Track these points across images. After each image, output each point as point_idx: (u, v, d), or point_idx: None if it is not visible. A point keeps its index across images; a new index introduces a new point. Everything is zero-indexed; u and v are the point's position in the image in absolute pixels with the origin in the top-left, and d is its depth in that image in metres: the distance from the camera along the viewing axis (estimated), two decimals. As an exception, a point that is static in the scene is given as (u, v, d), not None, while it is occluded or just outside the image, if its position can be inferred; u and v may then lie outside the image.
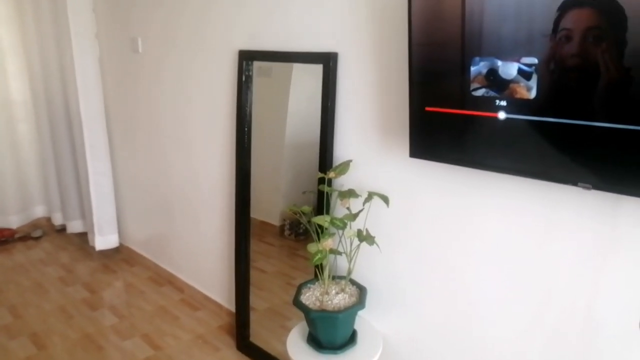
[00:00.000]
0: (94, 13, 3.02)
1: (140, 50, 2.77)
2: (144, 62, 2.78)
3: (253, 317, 2.32)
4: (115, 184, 3.28)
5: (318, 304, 1.64)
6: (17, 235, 3.59)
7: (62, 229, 3.69)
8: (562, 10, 1.07)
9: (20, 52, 3.57)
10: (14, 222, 3.72)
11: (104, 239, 3.24)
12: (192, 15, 2.37)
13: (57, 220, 3.71)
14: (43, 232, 3.69)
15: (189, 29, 2.41)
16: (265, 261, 2.31)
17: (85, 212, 3.38)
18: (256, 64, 2.09)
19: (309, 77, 1.83)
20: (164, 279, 2.99)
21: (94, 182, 3.11)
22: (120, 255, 3.33)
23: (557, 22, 1.08)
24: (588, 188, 1.12)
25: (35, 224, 3.85)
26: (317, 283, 1.76)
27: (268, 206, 2.26)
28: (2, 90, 3.57)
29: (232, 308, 2.50)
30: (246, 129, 2.15)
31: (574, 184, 1.14)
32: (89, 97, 3.00)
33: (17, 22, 3.49)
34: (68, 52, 2.96)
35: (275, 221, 2.25)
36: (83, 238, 3.51)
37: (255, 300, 2.31)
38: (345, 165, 1.70)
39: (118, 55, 2.98)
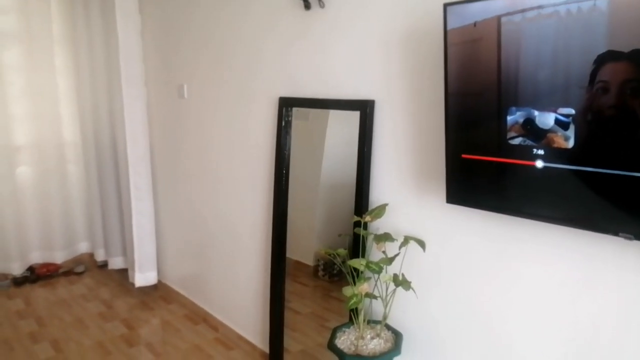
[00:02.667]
0: (144, 63, 3.20)
1: (185, 96, 2.92)
2: (189, 107, 2.92)
3: (286, 358, 2.31)
4: (156, 224, 3.38)
5: (353, 348, 1.63)
6: (61, 270, 3.72)
7: (104, 265, 3.80)
8: (598, 63, 1.09)
9: (73, 98, 3.80)
10: (59, 257, 3.86)
11: (144, 276, 3.32)
12: (235, 62, 2.49)
13: (100, 256, 3.83)
14: (85, 267, 3.81)
15: (233, 76, 2.53)
16: (299, 302, 2.31)
17: (126, 250, 3.49)
18: (296, 109, 2.17)
19: (344, 122, 1.89)
20: (199, 317, 3.02)
21: (137, 222, 3.22)
22: (158, 293, 3.39)
23: (593, 74, 1.10)
24: (630, 238, 1.11)
25: (78, 260, 3.98)
26: (352, 327, 1.75)
27: (302, 246, 2.29)
28: (56, 133, 3.79)
29: (266, 349, 2.49)
30: (284, 171, 2.21)
31: (615, 234, 1.13)
32: (136, 140, 3.15)
33: (73, 71, 3.73)
34: (118, 98, 3.14)
35: (309, 261, 2.27)
36: (123, 274, 3.60)
37: (289, 341, 2.30)
38: (382, 209, 1.72)
39: (165, 100, 3.14)
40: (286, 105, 2.17)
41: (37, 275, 3.61)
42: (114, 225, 3.57)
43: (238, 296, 2.73)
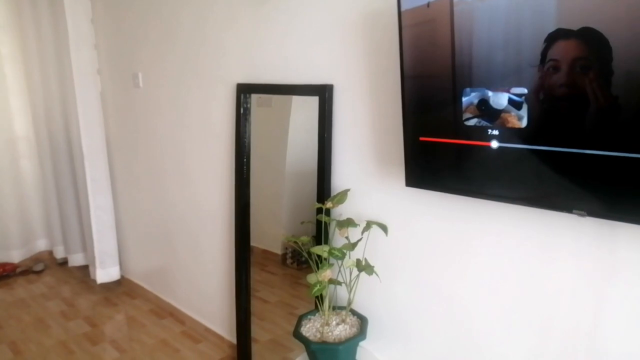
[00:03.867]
0: (96, 50, 3.08)
1: (141, 85, 2.82)
2: (145, 96, 2.83)
3: (255, 348, 2.29)
4: (116, 217, 3.29)
5: (319, 335, 1.63)
6: (18, 270, 3.59)
7: (64, 262, 3.69)
8: (549, 42, 1.09)
9: (23, 89, 3.64)
10: (15, 256, 3.72)
11: (105, 272, 3.23)
12: (191, 50, 2.42)
13: (59, 253, 3.72)
14: (45, 265, 3.69)
15: (189, 64, 2.46)
16: (268, 291, 2.30)
17: (86, 245, 3.39)
18: (256, 95, 2.12)
19: (308, 108, 1.86)
20: (165, 312, 2.97)
21: (95, 216, 3.13)
22: (122, 288, 3.31)
23: (544, 53, 1.10)
24: (583, 215, 1.13)
25: (37, 258, 3.85)
26: (317, 314, 1.75)
27: (269, 235, 2.26)
28: (6, 127, 3.63)
29: (234, 340, 2.47)
30: (245, 159, 2.17)
31: (569, 211, 1.15)
32: (91, 132, 3.04)
33: (20, 60, 3.56)
34: (70, 88, 3.02)
35: (277, 250, 2.25)
36: (85, 271, 3.51)
37: (258, 331, 2.29)
38: (343, 195, 1.71)
39: (119, 90, 3.04)
40: (244, 91, 2.12)
41: (-7, 275, 3.47)
42: (72, 221, 3.46)
43: (204, 288, 2.69)
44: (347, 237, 1.68)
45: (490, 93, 1.20)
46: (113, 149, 3.23)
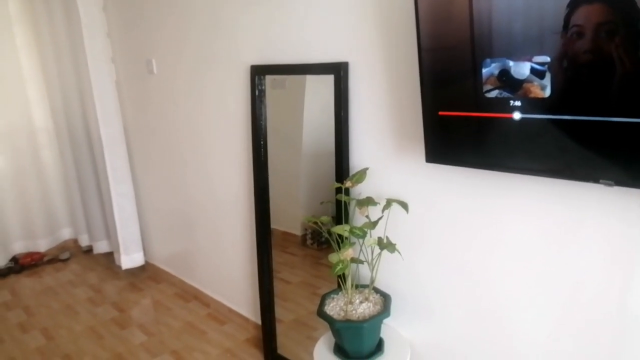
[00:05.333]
0: (109, 38, 3.08)
1: (155, 71, 2.82)
2: (159, 82, 2.83)
3: (279, 329, 2.32)
4: (138, 204, 3.33)
5: (342, 314, 1.63)
6: (45, 259, 3.67)
7: (89, 250, 3.76)
8: (572, 7, 1.05)
9: (40, 80, 3.67)
10: (42, 245, 3.80)
11: (130, 258, 3.29)
12: (203, 33, 2.40)
13: (84, 241, 3.79)
14: (71, 254, 3.76)
15: (202, 47, 2.44)
16: (289, 272, 2.31)
17: (110, 233, 3.44)
18: (270, 77, 2.11)
19: (323, 87, 1.84)
20: (190, 295, 3.02)
21: (117, 204, 3.17)
22: (146, 273, 3.37)
23: (567, 19, 1.06)
24: (610, 185, 1.10)
25: (63, 247, 3.93)
26: (340, 293, 1.75)
27: (289, 216, 2.27)
28: (26, 119, 3.68)
29: (259, 321, 2.50)
30: (262, 142, 2.17)
31: (596, 181, 1.12)
32: (108, 120, 3.06)
33: (35, 51, 3.59)
34: (85, 77, 3.03)
35: (297, 231, 2.26)
36: (110, 258, 3.57)
37: (281, 311, 2.31)
38: (362, 174, 1.70)
39: (134, 77, 3.04)
40: (258, 73, 2.10)
41: (22, 265, 3.56)
42: (95, 209, 3.51)
43: (227, 271, 2.71)
44: (367, 216, 1.67)
45: (511, 63, 1.16)
46: (131, 137, 3.25)
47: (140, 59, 2.92)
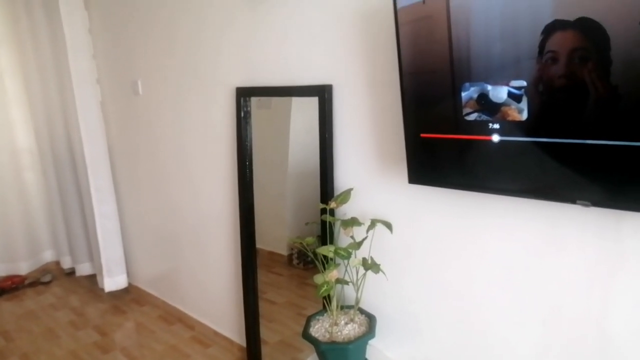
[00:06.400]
0: (95, 59, 3.09)
1: (140, 92, 2.83)
2: (145, 103, 2.84)
3: (265, 350, 2.30)
4: (122, 225, 3.30)
5: (328, 335, 1.63)
6: (27, 282, 3.60)
7: (72, 272, 3.70)
8: (546, 33, 1.09)
9: (24, 101, 3.65)
10: (23, 268, 3.74)
11: (113, 280, 3.24)
12: (189, 55, 2.42)
13: (66, 263, 3.73)
14: (52, 276, 3.70)
15: (187, 69, 2.46)
16: (275, 292, 2.30)
17: (93, 255, 3.40)
18: (256, 98, 2.13)
19: (309, 107, 1.86)
20: (174, 317, 2.98)
21: (101, 225, 3.14)
22: (130, 296, 3.32)
23: (542, 45, 1.10)
24: (587, 205, 1.13)
25: (44, 269, 3.86)
26: (325, 314, 1.75)
27: (275, 236, 2.27)
28: (8, 139, 3.64)
29: (244, 343, 2.47)
30: (247, 162, 2.18)
31: (573, 202, 1.15)
32: (93, 141, 3.05)
33: (20, 72, 3.57)
34: (70, 98, 3.02)
35: (283, 251, 2.26)
36: (92, 280, 3.52)
37: (267, 332, 2.29)
38: (347, 194, 1.71)
39: (120, 98, 3.04)
40: (244, 95, 2.12)
41: (2, 288, 3.48)
42: (78, 231, 3.47)
43: (211, 292, 2.69)
44: (352, 236, 1.68)
45: (489, 87, 1.20)
46: (116, 157, 3.24)
47: (126, 80, 2.93)
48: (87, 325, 2.97)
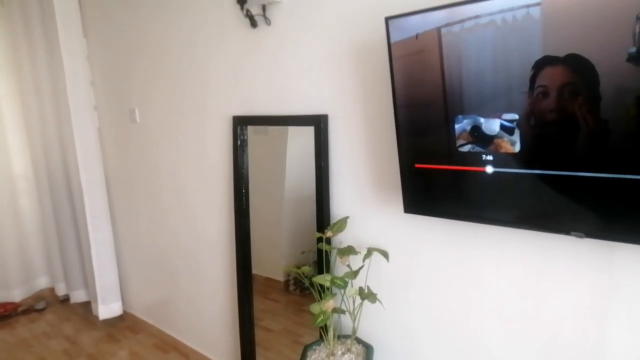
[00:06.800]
0: (92, 86, 3.12)
1: (138, 120, 2.85)
2: (142, 131, 2.86)
3: (261, 380, 2.27)
4: (117, 252, 3.29)
5: (324, 366, 1.61)
6: (20, 309, 3.56)
7: (66, 299, 3.66)
8: (537, 68, 1.12)
9: (21, 127, 3.66)
10: (17, 295, 3.69)
11: (108, 308, 3.21)
12: (187, 84, 2.45)
13: (61, 290, 3.69)
14: (46, 303, 3.66)
15: (185, 99, 2.48)
16: (272, 319, 2.28)
17: (88, 282, 3.37)
18: (253, 126, 2.15)
19: (305, 135, 1.88)
20: (169, 346, 2.94)
21: (96, 252, 3.12)
22: (125, 323, 3.29)
23: (533, 79, 1.13)
24: (581, 237, 1.14)
25: (38, 296, 3.82)
26: (322, 344, 1.74)
27: (271, 262, 2.26)
28: (4, 165, 3.64)
29: (240, 372, 2.45)
30: (244, 190, 2.18)
31: (567, 233, 1.16)
32: (89, 167, 3.06)
33: (18, 99, 3.60)
34: (67, 124, 3.04)
35: (280, 277, 2.25)
36: (87, 307, 3.48)
37: (263, 362, 2.27)
38: (343, 223, 1.72)
39: (117, 125, 3.06)
40: (240, 123, 2.14)
41: (-6, 316, 3.44)
42: (73, 258, 3.44)
43: (207, 320, 2.67)
44: (348, 265, 1.68)
45: (482, 119, 1.22)
46: (112, 184, 3.24)
47: (124, 108, 2.95)
48: (80, 354, 2.93)
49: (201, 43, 2.30)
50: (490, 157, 1.23)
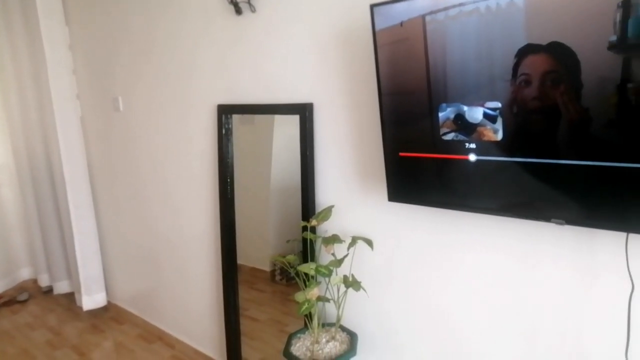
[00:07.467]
0: (75, 75, 3.07)
1: (121, 108, 2.82)
2: (125, 120, 2.82)
3: (246, 369, 2.27)
4: (101, 242, 3.26)
5: (309, 354, 1.62)
6: (2, 300, 3.51)
7: (49, 290, 3.62)
8: (520, 57, 1.12)
9: (2, 117, 3.59)
10: (-1, 286, 3.65)
11: (91, 299, 3.18)
12: (171, 72, 2.42)
13: (44, 281, 3.65)
14: (29, 295, 3.61)
15: (169, 87, 2.46)
16: (257, 309, 2.28)
17: (71, 272, 3.34)
18: (238, 115, 2.13)
19: (291, 124, 1.87)
20: (154, 336, 2.93)
21: (79, 242, 3.09)
22: (109, 314, 3.26)
23: (516, 68, 1.13)
24: (561, 224, 1.15)
25: (21, 287, 3.78)
26: (307, 332, 1.74)
27: (257, 252, 2.26)
28: (-15, 154, 3.58)
29: (225, 361, 2.45)
30: (229, 179, 2.17)
31: (548, 220, 1.17)
32: (72, 157, 3.02)
33: (-1, 87, 3.53)
34: (50, 114, 2.99)
35: (266, 267, 2.25)
36: (70, 298, 3.45)
37: (248, 350, 2.27)
38: (327, 212, 1.72)
39: (100, 114, 3.02)
40: (225, 112, 2.13)
41: (-24, 308, 3.39)
42: (56, 248, 3.41)
43: (192, 310, 2.66)
44: (333, 254, 1.69)
45: (465, 108, 1.22)
46: (95, 174, 3.20)
47: (107, 97, 2.91)
48: (64, 344, 2.90)
49: (185, 30, 2.27)
50: (473, 145, 1.24)
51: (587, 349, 1.27)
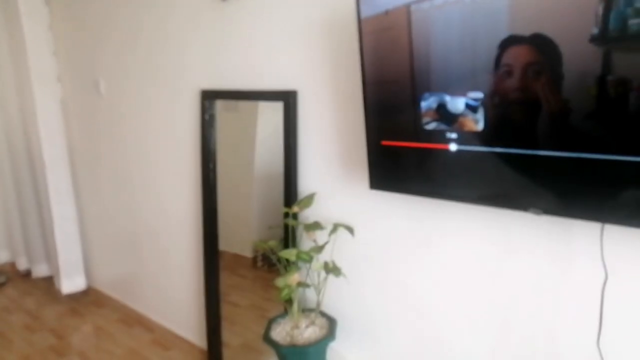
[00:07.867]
0: (55, 56, 3.01)
1: (102, 91, 2.77)
2: (107, 103, 2.78)
3: (226, 353, 2.28)
4: (81, 226, 3.22)
5: (289, 338, 1.64)
6: (-22, 284, 3.47)
7: (27, 274, 3.58)
8: (502, 48, 1.13)
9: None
10: (-25, 269, 3.60)
11: (71, 282, 3.16)
12: (152, 55, 2.39)
13: (22, 264, 3.61)
14: (7, 277, 3.57)
15: (151, 70, 2.43)
16: (239, 294, 2.29)
17: (50, 255, 3.30)
18: (222, 101, 2.12)
19: (275, 111, 1.86)
20: (133, 320, 2.92)
21: (59, 226, 3.05)
22: (88, 298, 3.24)
23: (498, 59, 1.14)
24: (539, 214, 1.18)
25: (-2, 270, 3.73)
26: (287, 317, 1.76)
27: (240, 239, 2.26)
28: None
29: (205, 346, 2.45)
30: (211, 165, 2.16)
31: (525, 209, 1.19)
32: (52, 140, 2.97)
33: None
34: (29, 96, 2.93)
35: (248, 253, 2.25)
36: (49, 282, 3.41)
37: (229, 335, 2.28)
38: (310, 199, 1.73)
39: (81, 97, 2.97)
40: (208, 97, 2.11)
41: (-49, 290, 3.34)
42: (35, 231, 3.36)
43: (173, 295, 2.66)
44: (314, 240, 1.70)
45: (448, 97, 1.23)
46: (76, 158, 3.16)
47: (88, 79, 2.87)
48: (42, 328, 2.88)
49: (170, 14, 2.24)
50: (454, 135, 1.25)
51: (560, 337, 1.31)
